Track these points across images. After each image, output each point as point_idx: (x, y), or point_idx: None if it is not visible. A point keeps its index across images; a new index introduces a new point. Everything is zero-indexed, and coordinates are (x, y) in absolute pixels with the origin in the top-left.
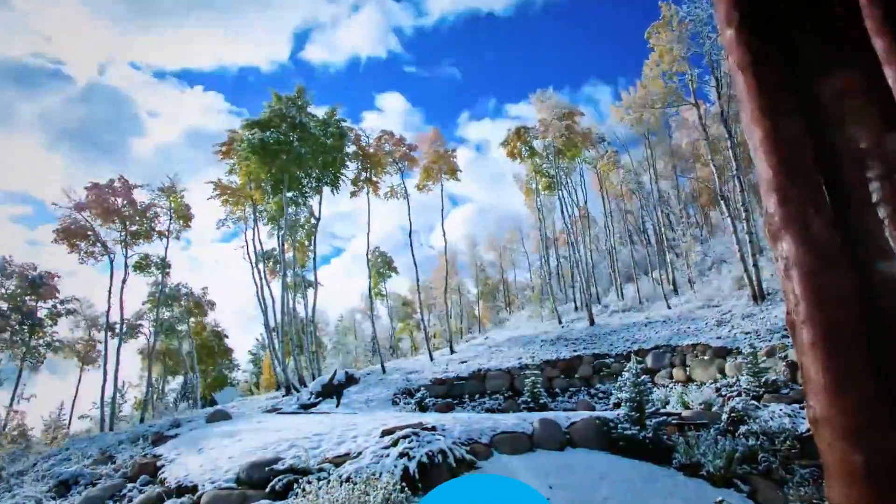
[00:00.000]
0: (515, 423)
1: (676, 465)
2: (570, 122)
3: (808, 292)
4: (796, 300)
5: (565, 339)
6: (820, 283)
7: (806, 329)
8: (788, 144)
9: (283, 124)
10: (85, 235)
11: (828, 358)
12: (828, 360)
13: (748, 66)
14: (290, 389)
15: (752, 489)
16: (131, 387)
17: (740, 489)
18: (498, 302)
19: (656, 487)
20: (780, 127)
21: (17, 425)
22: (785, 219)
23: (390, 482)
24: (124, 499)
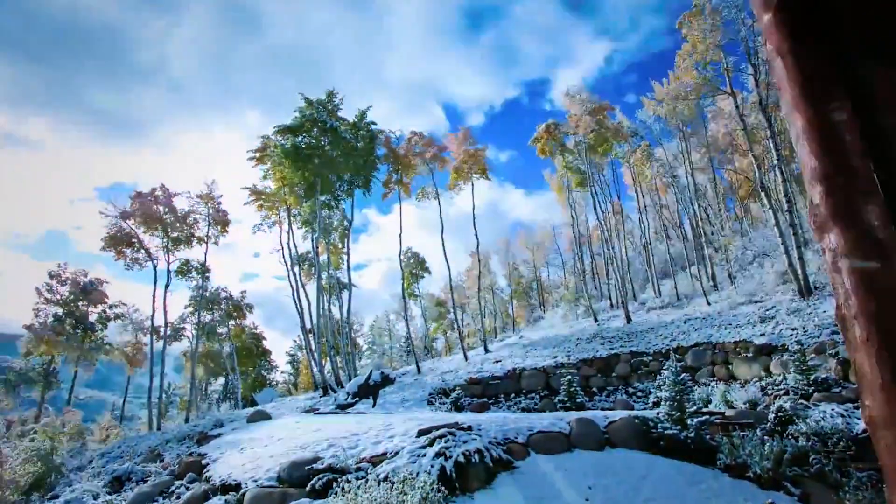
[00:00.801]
0: (552, 423)
1: (721, 466)
2: (600, 117)
3: (859, 285)
4: (846, 294)
5: (601, 337)
6: (871, 276)
7: (858, 324)
8: (833, 131)
9: (314, 129)
10: (130, 243)
11: (883, 354)
12: (883, 356)
13: (788, 51)
14: (327, 390)
15: (803, 492)
16: (176, 388)
17: (790, 492)
18: (532, 300)
19: (700, 489)
20: (824, 113)
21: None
22: (832, 209)
23: (427, 482)
24: (172, 495)
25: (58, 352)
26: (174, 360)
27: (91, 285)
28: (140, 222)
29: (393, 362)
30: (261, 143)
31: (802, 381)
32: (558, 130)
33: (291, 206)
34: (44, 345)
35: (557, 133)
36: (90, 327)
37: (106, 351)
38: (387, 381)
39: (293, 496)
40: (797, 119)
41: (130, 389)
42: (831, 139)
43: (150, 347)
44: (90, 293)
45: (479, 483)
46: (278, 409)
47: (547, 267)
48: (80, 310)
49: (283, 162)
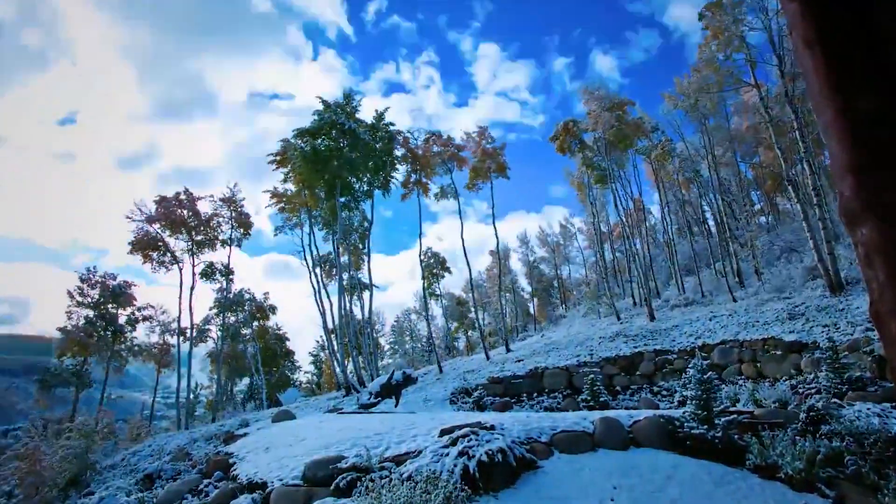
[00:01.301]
0: (575, 422)
1: (750, 467)
2: (620, 113)
3: (893, 281)
4: (881, 290)
5: (624, 335)
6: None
7: (894, 321)
8: (864, 122)
9: (332, 131)
10: (156, 246)
11: None
12: None
13: (816, 40)
14: (350, 390)
15: (838, 494)
16: (203, 388)
17: (825, 494)
18: (553, 299)
19: (729, 490)
20: (855, 104)
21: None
22: (864, 202)
23: (450, 481)
24: (201, 493)
25: (89, 353)
26: (200, 361)
27: (120, 288)
28: (165, 226)
29: (415, 362)
30: (281, 147)
31: (835, 379)
32: (577, 127)
33: (312, 208)
34: (76, 346)
35: (576, 130)
36: (119, 329)
37: (135, 353)
38: (409, 381)
39: (318, 495)
40: (826, 110)
41: (159, 390)
42: (862, 130)
43: (178, 349)
44: (119, 296)
45: (502, 483)
46: (302, 409)
47: (568, 265)
48: (109, 312)
49: (302, 165)
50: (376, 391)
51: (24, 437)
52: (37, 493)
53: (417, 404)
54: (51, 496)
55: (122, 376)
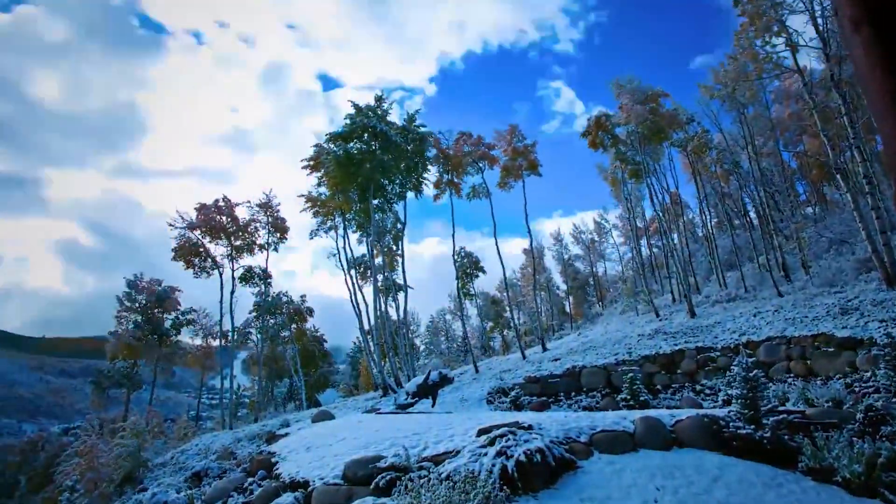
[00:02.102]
0: (615, 422)
1: (803, 469)
2: (653, 105)
3: None
4: None
5: (664, 332)
6: None
7: None
8: None
9: (364, 134)
10: (197, 252)
11: None
12: None
13: (865, 19)
14: (387, 390)
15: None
16: (245, 390)
17: (888, 499)
18: (589, 297)
19: (781, 493)
20: None
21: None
22: None
23: (489, 481)
24: (246, 491)
25: (139, 356)
26: (241, 364)
27: (165, 293)
28: (205, 232)
29: (450, 362)
30: (314, 152)
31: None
32: (609, 122)
33: (345, 211)
34: (126, 349)
35: (608, 125)
36: (165, 333)
37: (180, 356)
38: (445, 381)
39: (358, 494)
40: (877, 93)
41: (203, 391)
42: None
43: (220, 352)
44: (164, 300)
45: (541, 483)
46: (341, 409)
47: (603, 262)
48: (155, 316)
49: (335, 169)
50: (413, 391)
51: (83, 435)
52: (96, 488)
53: (454, 404)
54: (108, 491)
55: (169, 378)
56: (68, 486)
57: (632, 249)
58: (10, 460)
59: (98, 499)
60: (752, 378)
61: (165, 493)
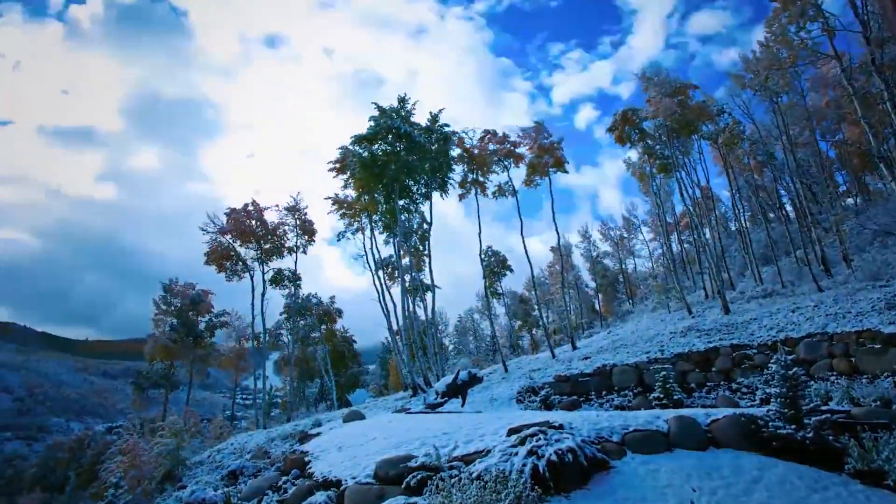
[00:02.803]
0: (648, 421)
1: (850, 472)
2: (682, 98)
3: None
4: None
5: (697, 329)
6: None
7: None
8: None
9: (389, 135)
10: (229, 256)
11: None
12: None
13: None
14: (417, 390)
15: None
16: (277, 390)
17: None
18: (619, 294)
19: (827, 496)
20: None
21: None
22: None
23: (520, 481)
24: (280, 490)
25: (175, 357)
26: (273, 365)
27: (198, 296)
28: (236, 236)
29: (479, 361)
30: (340, 154)
31: None
32: (636, 116)
33: (372, 213)
34: (164, 351)
35: (635, 119)
36: (200, 335)
37: (214, 357)
38: (474, 381)
39: (389, 493)
40: None
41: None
42: None
43: (252, 353)
44: (198, 304)
45: (573, 483)
46: (371, 409)
47: (633, 258)
48: (190, 319)
49: (361, 171)
50: (442, 391)
51: (125, 434)
52: (138, 485)
53: (483, 403)
54: (150, 488)
55: (204, 378)
56: (113, 483)
57: (662, 245)
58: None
59: (140, 495)
60: (791, 376)
61: (203, 490)
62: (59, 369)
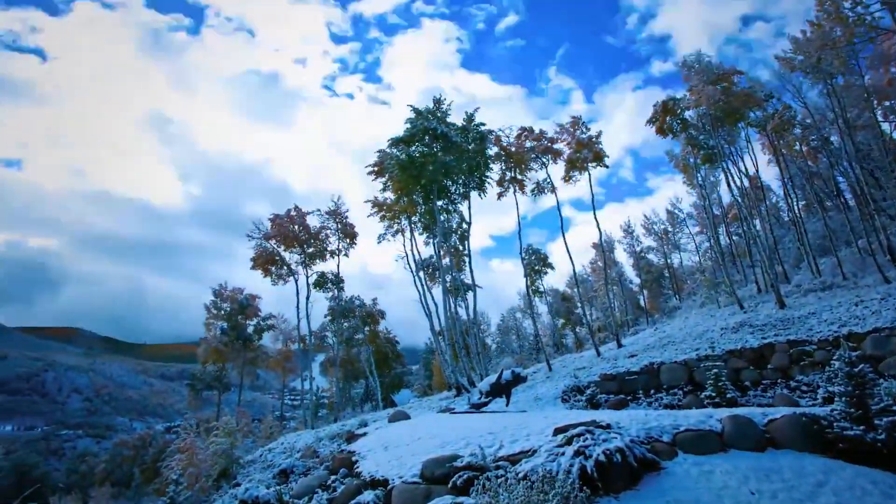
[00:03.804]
0: (700, 420)
1: None
2: (726, 85)
3: None
4: None
5: (750, 325)
6: None
7: None
8: None
9: (425, 137)
10: (274, 261)
11: None
12: None
13: None
14: (461, 390)
15: None
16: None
17: None
18: (665, 290)
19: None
20: None
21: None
22: None
23: (567, 481)
24: (329, 488)
25: (226, 360)
26: (319, 366)
27: (246, 301)
28: (280, 241)
29: (522, 360)
30: (378, 158)
31: None
32: (678, 106)
33: (411, 214)
34: (215, 354)
35: (676, 109)
36: (248, 338)
37: (263, 359)
38: (518, 380)
39: (436, 492)
40: None
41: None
42: None
43: (301, 355)
44: (246, 308)
45: (623, 484)
46: (415, 409)
47: (678, 252)
48: (239, 323)
49: (399, 173)
50: (486, 391)
51: (182, 433)
52: (196, 482)
53: (528, 403)
54: (206, 486)
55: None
56: (173, 480)
57: (709, 238)
58: (125, 454)
59: (199, 492)
60: (857, 373)
61: (257, 488)
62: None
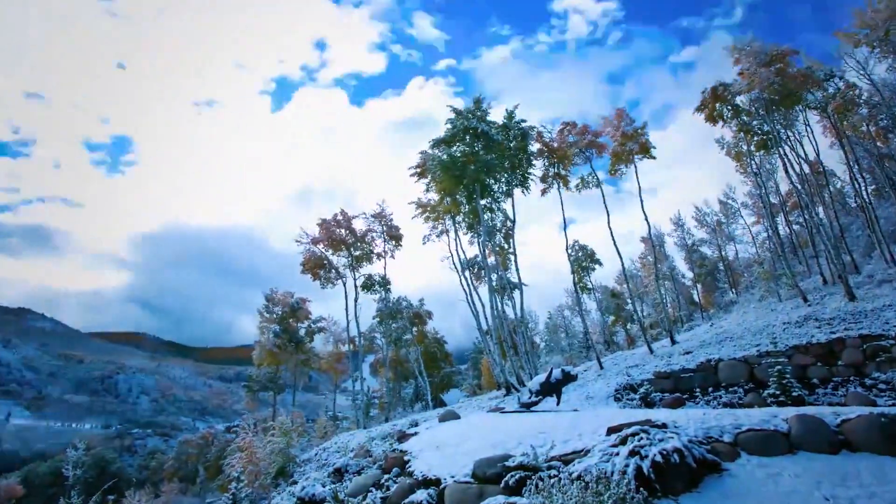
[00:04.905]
0: (764, 420)
1: None
2: (780, 66)
3: None
4: None
5: (816, 318)
6: None
7: None
8: None
9: (466, 136)
10: (322, 264)
11: None
12: None
13: None
14: (510, 389)
15: None
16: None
17: None
18: (720, 283)
19: None
20: None
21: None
22: None
23: (622, 482)
24: (383, 487)
25: (280, 362)
26: (369, 367)
27: (297, 304)
28: (328, 245)
29: (572, 359)
30: (420, 159)
31: None
32: (728, 91)
33: (455, 214)
34: (269, 356)
35: (727, 95)
36: (300, 340)
37: (314, 361)
38: (569, 379)
39: (488, 492)
40: None
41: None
42: None
43: (351, 357)
44: (297, 311)
45: (682, 485)
46: (465, 408)
47: (733, 244)
48: (290, 326)
49: (441, 173)
50: (536, 390)
51: (241, 432)
52: (256, 480)
53: (579, 402)
54: (265, 483)
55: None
56: (235, 477)
57: (767, 228)
58: (190, 452)
59: (258, 489)
60: None
61: (313, 486)
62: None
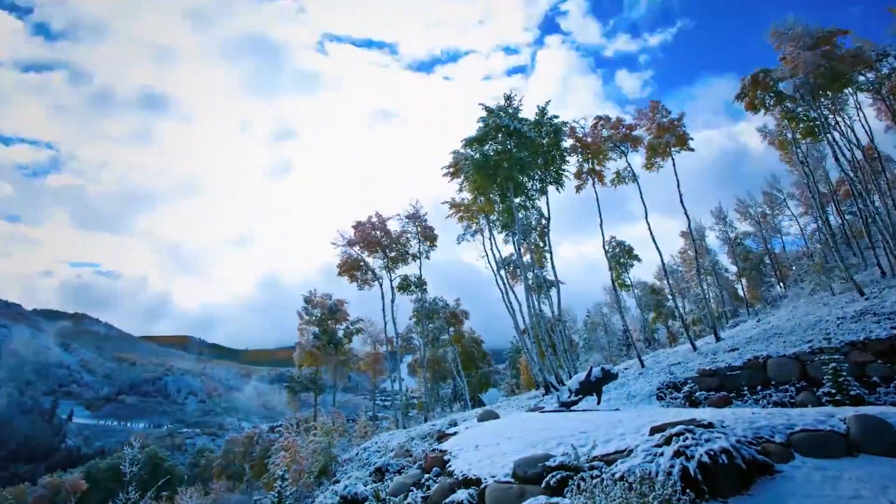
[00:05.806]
0: (819, 420)
1: None
2: (827, 48)
3: None
4: None
5: (875, 313)
6: None
7: None
8: None
9: (498, 135)
10: (358, 266)
11: None
12: None
13: None
14: (549, 388)
15: None
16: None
17: None
18: (766, 277)
19: None
20: None
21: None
22: None
23: (667, 483)
24: (423, 487)
25: (320, 363)
26: (407, 367)
27: (335, 306)
28: (363, 247)
29: (612, 357)
30: (452, 159)
31: None
32: (770, 78)
33: (489, 213)
34: (309, 357)
35: (768, 81)
36: (339, 342)
37: (353, 362)
38: (609, 377)
39: (529, 492)
40: None
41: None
42: None
43: (390, 357)
44: (335, 312)
45: (731, 488)
46: (504, 408)
47: (780, 236)
48: (329, 327)
49: (474, 172)
50: (576, 389)
51: (284, 432)
52: (300, 478)
53: (620, 401)
54: (309, 482)
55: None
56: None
57: (816, 219)
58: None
59: (302, 487)
60: None
61: (355, 485)
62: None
